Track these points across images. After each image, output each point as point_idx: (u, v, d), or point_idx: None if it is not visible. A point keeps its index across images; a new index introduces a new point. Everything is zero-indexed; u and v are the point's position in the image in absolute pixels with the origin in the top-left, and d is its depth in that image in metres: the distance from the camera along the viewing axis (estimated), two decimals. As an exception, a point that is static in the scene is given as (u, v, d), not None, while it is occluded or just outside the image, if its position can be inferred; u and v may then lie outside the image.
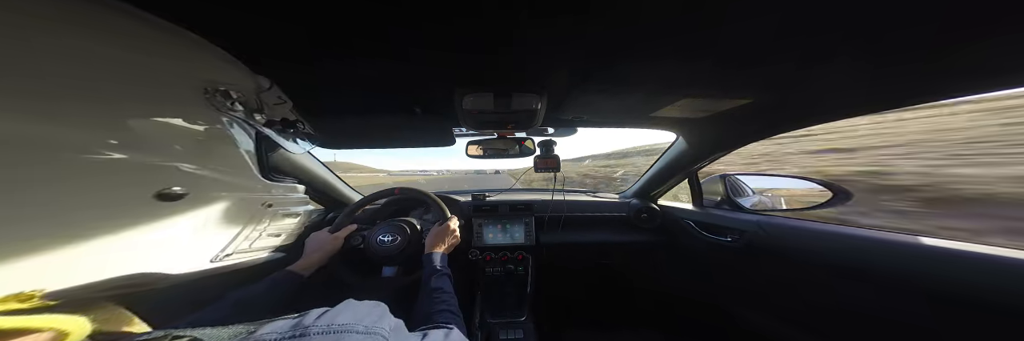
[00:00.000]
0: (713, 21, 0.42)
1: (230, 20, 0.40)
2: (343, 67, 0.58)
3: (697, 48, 0.51)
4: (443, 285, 0.77)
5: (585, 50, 0.52)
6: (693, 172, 1.41)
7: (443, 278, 0.80)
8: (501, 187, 1.84)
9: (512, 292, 1.34)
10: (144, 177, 0.37)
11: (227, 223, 0.49)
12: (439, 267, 0.84)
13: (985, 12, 0.38)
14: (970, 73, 0.55)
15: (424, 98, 0.81)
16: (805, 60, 0.55)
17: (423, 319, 0.63)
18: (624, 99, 0.83)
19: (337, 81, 0.66)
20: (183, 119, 0.44)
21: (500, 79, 0.66)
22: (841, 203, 1.13)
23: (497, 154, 1.31)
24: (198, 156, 0.45)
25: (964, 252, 0.65)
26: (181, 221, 0.43)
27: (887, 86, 0.64)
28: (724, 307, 1.26)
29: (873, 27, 0.42)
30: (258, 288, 0.69)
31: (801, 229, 0.99)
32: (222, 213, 0.48)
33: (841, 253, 0.85)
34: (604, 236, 1.51)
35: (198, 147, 0.46)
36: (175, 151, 0.42)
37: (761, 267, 1.09)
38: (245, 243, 0.51)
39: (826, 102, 0.76)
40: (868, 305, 0.80)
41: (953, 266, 0.65)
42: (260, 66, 0.56)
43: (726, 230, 1.22)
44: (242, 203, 0.50)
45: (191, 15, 0.39)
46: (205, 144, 0.47)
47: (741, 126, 1.02)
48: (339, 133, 1.10)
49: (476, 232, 1.45)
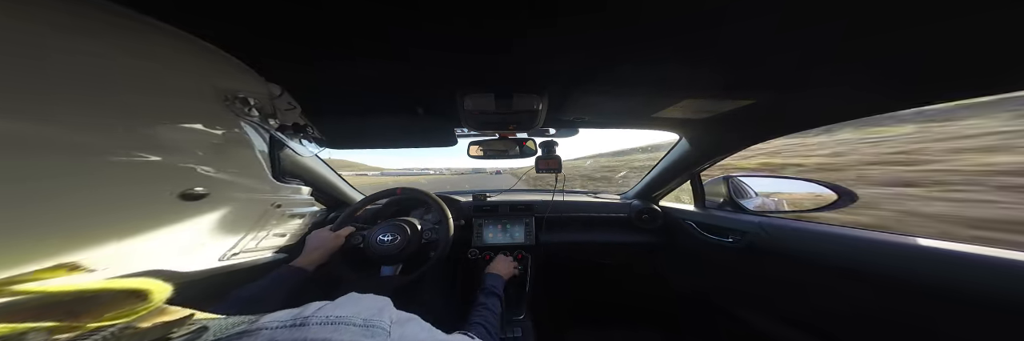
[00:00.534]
0: (714, 21, 0.42)
1: (230, 20, 0.40)
2: (344, 68, 0.58)
3: (698, 48, 0.50)
4: (489, 303, 0.81)
5: (586, 51, 0.52)
6: (696, 173, 1.40)
7: (493, 298, 0.84)
8: (501, 187, 1.84)
9: (512, 292, 1.34)
10: (168, 178, 0.39)
11: (239, 223, 0.50)
12: (494, 287, 0.89)
13: (985, 12, 0.38)
14: (972, 76, 0.54)
15: (426, 99, 0.81)
16: (807, 61, 0.54)
17: (460, 323, 0.67)
18: (626, 100, 0.82)
19: (339, 82, 0.66)
20: (203, 124, 0.46)
21: (501, 80, 0.66)
22: (846, 205, 1.12)
23: (499, 155, 1.32)
24: (217, 159, 0.47)
25: (965, 254, 0.64)
26: (200, 220, 0.44)
27: (889, 88, 0.63)
28: (725, 308, 1.26)
29: (874, 28, 0.42)
30: (263, 284, 0.69)
31: (803, 230, 0.98)
32: (236, 213, 0.49)
33: (843, 254, 0.85)
34: (605, 236, 1.51)
35: (217, 150, 0.47)
36: (196, 155, 0.43)
37: (762, 268, 1.09)
38: (253, 242, 0.52)
39: (829, 104, 0.76)
40: (870, 306, 0.79)
41: (954, 268, 0.65)
42: (262, 66, 0.56)
43: (727, 231, 1.21)
44: (254, 203, 0.52)
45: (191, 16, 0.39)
46: (223, 147, 0.49)
47: (744, 127, 1.01)
48: (341, 134, 1.10)
49: (476, 232, 1.45)
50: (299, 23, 0.41)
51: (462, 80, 0.66)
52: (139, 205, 0.36)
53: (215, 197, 0.44)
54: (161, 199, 0.38)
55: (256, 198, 0.52)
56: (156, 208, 0.38)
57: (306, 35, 0.44)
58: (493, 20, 0.41)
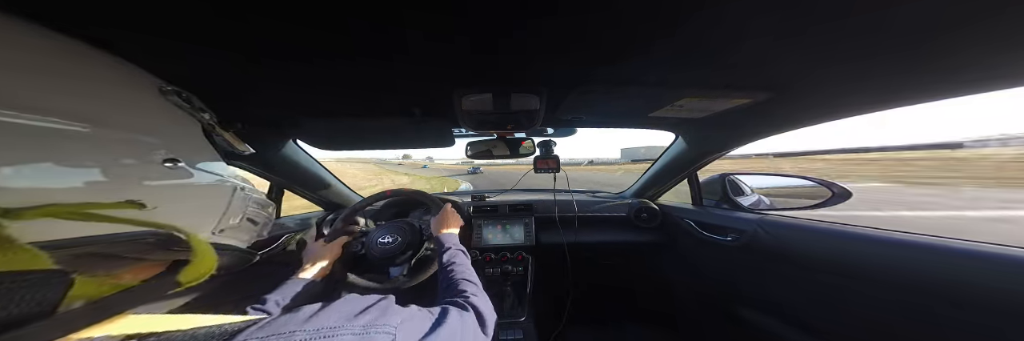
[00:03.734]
0: (713, 21, 0.42)
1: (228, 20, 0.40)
2: (341, 67, 0.58)
3: (696, 48, 0.51)
4: (456, 259, 0.77)
5: (584, 50, 0.52)
6: (693, 172, 1.41)
7: (456, 253, 0.80)
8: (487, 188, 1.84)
9: (512, 292, 1.34)
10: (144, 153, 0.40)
11: (216, 197, 0.51)
12: (449, 245, 0.84)
13: (986, 12, 0.38)
14: (971, 73, 0.55)
15: (423, 99, 0.81)
16: (805, 60, 0.55)
17: (443, 293, 0.65)
18: (623, 99, 0.83)
19: (335, 81, 0.66)
20: (166, 118, 0.47)
21: (499, 79, 0.66)
22: (839, 202, 1.13)
23: (497, 155, 1.32)
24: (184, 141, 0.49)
25: (963, 250, 0.65)
26: (184, 187, 0.46)
27: (887, 86, 0.64)
28: (724, 306, 1.26)
29: (873, 27, 0.43)
30: (276, 298, 0.69)
31: (800, 228, 0.99)
32: (210, 188, 0.50)
33: (841, 252, 0.85)
34: (604, 236, 1.51)
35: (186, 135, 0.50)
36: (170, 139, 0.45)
37: (761, 266, 1.09)
38: (234, 220, 0.53)
39: (826, 102, 0.77)
40: (868, 304, 0.80)
41: (953, 264, 0.66)
42: (259, 66, 0.56)
43: (726, 229, 1.22)
44: (220, 183, 0.53)
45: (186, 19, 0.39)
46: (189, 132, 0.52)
47: (741, 126, 1.02)
48: (338, 134, 1.10)
49: (476, 232, 1.45)
50: (296, 22, 0.41)
51: (460, 80, 0.66)
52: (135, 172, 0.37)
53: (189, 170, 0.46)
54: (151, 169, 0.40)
55: (222, 179, 0.53)
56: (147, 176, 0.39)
57: (303, 35, 0.44)
58: (492, 20, 0.41)
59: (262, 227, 0.60)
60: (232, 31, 0.43)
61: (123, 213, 0.30)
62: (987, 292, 0.60)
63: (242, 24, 0.41)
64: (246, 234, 0.55)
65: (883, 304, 0.77)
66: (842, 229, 0.89)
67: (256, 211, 0.58)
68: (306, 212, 1.56)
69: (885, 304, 0.76)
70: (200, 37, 0.44)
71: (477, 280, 0.70)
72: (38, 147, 0.28)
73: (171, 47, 0.46)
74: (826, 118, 0.86)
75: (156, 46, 0.45)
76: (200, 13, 0.38)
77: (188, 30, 0.42)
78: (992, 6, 0.37)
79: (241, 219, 0.54)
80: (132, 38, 0.42)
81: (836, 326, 0.89)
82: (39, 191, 0.27)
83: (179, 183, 0.43)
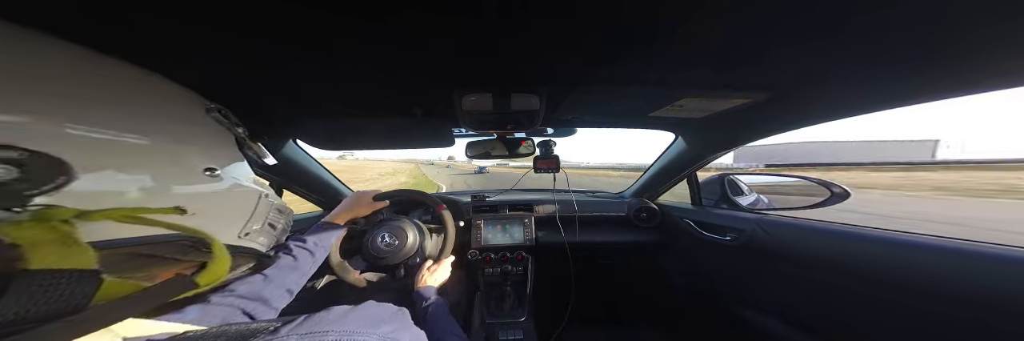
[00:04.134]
0: (713, 21, 0.42)
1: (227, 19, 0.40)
2: (341, 67, 0.58)
3: (696, 48, 0.51)
4: (440, 310, 0.81)
5: (584, 50, 0.52)
6: (692, 172, 1.41)
7: (439, 306, 0.84)
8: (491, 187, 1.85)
9: (511, 292, 1.34)
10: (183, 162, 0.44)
11: (244, 203, 0.54)
12: (431, 300, 0.87)
13: (986, 10, 0.38)
14: (970, 72, 0.55)
15: (423, 99, 0.81)
16: (805, 60, 0.55)
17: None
18: (623, 99, 0.83)
19: (335, 82, 0.65)
20: (195, 126, 0.50)
21: (499, 79, 0.66)
22: (838, 202, 1.14)
23: (497, 155, 1.32)
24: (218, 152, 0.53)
25: (962, 249, 0.66)
26: (219, 194, 0.49)
27: (886, 86, 0.64)
28: (723, 305, 1.27)
29: (873, 27, 0.43)
30: (313, 238, 0.79)
31: (799, 227, 0.99)
32: (240, 194, 0.54)
33: (840, 251, 0.86)
34: (604, 236, 1.51)
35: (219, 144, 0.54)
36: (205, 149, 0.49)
37: (760, 265, 1.10)
38: (257, 225, 0.55)
39: (825, 102, 0.77)
40: (867, 302, 0.80)
41: (953, 264, 0.66)
42: (258, 66, 0.56)
43: (725, 229, 1.22)
44: (248, 190, 0.56)
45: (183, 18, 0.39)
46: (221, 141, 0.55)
47: (740, 126, 1.02)
48: (338, 134, 1.10)
49: (476, 232, 1.45)
50: (296, 22, 0.41)
51: (461, 80, 0.67)
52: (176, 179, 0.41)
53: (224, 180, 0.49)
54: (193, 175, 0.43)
55: (250, 186, 0.56)
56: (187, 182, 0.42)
57: (304, 35, 0.44)
58: (491, 20, 0.41)
59: (281, 232, 0.63)
60: (232, 31, 0.43)
61: (168, 218, 0.33)
62: (987, 292, 0.61)
63: (242, 24, 0.41)
64: (266, 238, 0.58)
65: (882, 303, 0.77)
66: (841, 228, 0.89)
67: (276, 217, 0.60)
68: (306, 212, 1.56)
69: (884, 303, 0.77)
70: (200, 37, 0.44)
71: (460, 332, 0.75)
72: (108, 156, 0.31)
73: (173, 47, 0.46)
74: (826, 118, 0.86)
75: (160, 47, 0.45)
76: (200, 13, 0.38)
77: (188, 30, 0.42)
78: (992, 6, 0.37)
79: (263, 224, 0.56)
80: (140, 42, 0.42)
81: (835, 325, 0.89)
82: (105, 195, 0.30)
83: (215, 190, 0.46)
